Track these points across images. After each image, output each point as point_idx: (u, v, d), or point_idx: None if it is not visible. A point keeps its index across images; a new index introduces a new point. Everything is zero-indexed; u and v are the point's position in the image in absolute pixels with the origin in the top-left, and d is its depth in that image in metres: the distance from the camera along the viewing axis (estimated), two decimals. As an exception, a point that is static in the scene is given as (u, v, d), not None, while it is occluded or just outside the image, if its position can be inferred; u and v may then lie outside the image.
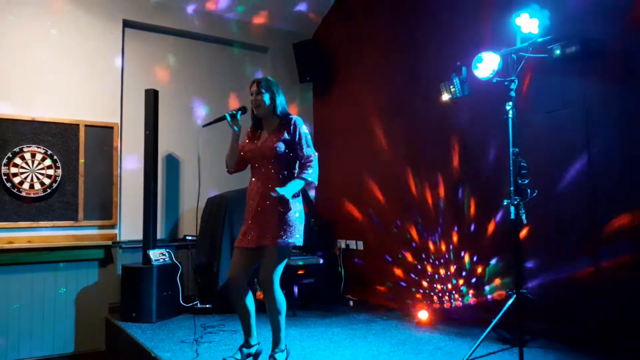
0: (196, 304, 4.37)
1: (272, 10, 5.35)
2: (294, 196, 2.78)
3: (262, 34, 5.49)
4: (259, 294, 3.80)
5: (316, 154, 2.89)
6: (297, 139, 2.85)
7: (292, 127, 2.85)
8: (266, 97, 2.87)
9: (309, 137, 2.91)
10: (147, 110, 4.44)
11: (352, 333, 3.66)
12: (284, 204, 2.76)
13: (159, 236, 4.56)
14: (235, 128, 2.94)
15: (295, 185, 2.77)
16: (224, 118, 2.93)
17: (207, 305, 4.32)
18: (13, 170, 4.11)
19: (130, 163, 4.66)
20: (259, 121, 2.96)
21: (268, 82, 2.91)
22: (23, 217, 4.14)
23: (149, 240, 4.30)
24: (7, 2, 4.17)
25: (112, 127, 4.59)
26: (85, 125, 4.45)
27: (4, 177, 4.06)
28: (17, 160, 4.13)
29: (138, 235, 4.43)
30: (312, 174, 2.83)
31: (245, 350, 2.91)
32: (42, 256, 4.14)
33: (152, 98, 4.44)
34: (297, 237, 2.81)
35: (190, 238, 4.83)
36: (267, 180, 2.83)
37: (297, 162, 2.90)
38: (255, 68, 5.51)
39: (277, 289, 2.78)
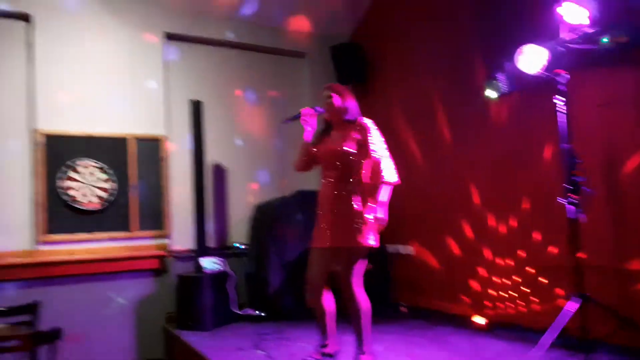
0: (250, 311, 4.44)
1: (308, 15, 5.33)
2: (370, 199, 2.82)
3: (299, 39, 5.47)
4: None
5: (387, 154, 2.89)
6: (366, 139, 2.88)
7: (361, 128, 2.90)
8: (337, 101, 2.95)
9: (379, 137, 2.92)
10: (191, 121, 4.54)
11: (407, 339, 3.59)
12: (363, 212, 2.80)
13: (208, 245, 4.64)
14: (308, 128, 3.03)
15: (382, 195, 2.81)
16: (299, 116, 3.05)
17: (262, 314, 4.38)
18: (69, 184, 4.27)
19: (179, 174, 4.75)
20: (330, 125, 3.06)
21: (339, 87, 3.05)
22: (82, 229, 4.30)
23: (201, 249, 4.39)
24: (50, 23, 4.30)
25: (159, 139, 4.71)
26: (135, 139, 4.58)
27: (61, 191, 4.22)
28: (73, 174, 4.28)
29: (188, 244, 4.54)
30: (388, 174, 2.84)
31: (322, 350, 2.95)
32: (100, 267, 4.28)
33: (196, 109, 4.53)
34: (370, 238, 2.81)
35: (238, 246, 4.90)
36: (339, 181, 2.86)
37: (367, 163, 2.91)
38: (293, 74, 5.53)
39: (355, 291, 2.80)
